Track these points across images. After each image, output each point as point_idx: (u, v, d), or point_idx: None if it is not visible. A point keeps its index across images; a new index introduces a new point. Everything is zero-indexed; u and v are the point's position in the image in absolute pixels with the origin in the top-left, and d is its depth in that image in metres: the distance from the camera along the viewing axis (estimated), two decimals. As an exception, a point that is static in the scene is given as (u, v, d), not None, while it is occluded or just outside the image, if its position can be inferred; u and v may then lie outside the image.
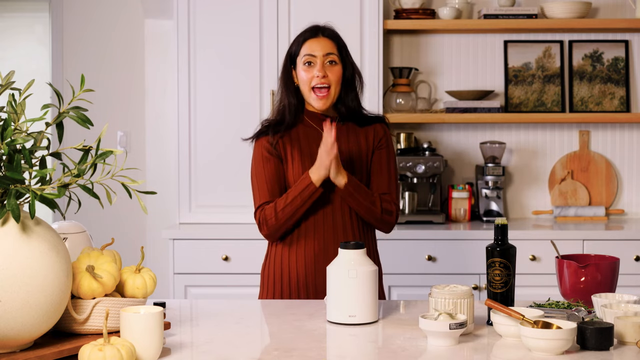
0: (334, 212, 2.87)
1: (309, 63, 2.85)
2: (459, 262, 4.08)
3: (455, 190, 4.44)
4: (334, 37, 2.90)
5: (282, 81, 2.93)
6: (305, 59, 2.86)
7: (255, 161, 2.92)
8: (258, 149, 2.92)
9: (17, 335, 1.96)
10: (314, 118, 2.93)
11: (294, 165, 2.88)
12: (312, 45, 2.86)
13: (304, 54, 2.86)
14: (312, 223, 2.86)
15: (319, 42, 2.86)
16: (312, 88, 2.86)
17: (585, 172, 4.61)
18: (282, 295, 2.89)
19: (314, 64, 2.85)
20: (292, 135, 2.90)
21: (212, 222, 4.29)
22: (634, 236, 4.12)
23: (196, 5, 4.24)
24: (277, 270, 2.90)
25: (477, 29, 4.51)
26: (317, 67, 2.83)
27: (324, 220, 2.87)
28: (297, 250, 2.87)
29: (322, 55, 2.85)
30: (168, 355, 2.10)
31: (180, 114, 4.26)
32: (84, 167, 2.02)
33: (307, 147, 2.89)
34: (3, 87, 2.03)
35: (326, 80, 2.85)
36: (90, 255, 2.15)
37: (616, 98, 4.57)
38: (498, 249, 2.38)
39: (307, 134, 2.91)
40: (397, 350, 2.15)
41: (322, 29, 2.90)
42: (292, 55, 2.92)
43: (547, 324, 2.15)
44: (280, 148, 2.89)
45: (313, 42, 2.86)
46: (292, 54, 2.92)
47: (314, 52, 2.85)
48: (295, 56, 2.91)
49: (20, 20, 6.71)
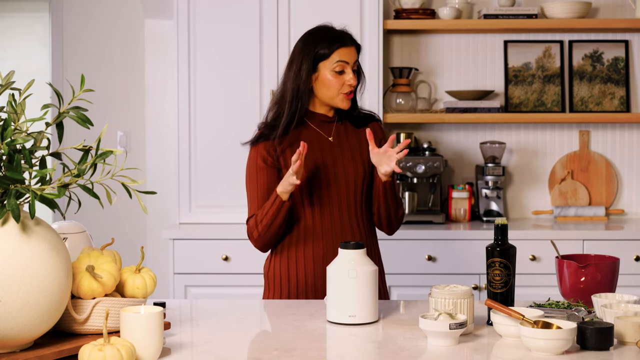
0: (341, 214, 2.88)
1: (341, 71, 2.88)
2: (459, 262, 4.08)
3: (455, 190, 4.44)
4: (357, 45, 2.94)
5: (294, 84, 2.88)
6: (339, 66, 2.87)
7: (249, 169, 2.91)
8: (253, 156, 2.90)
9: (17, 335, 1.96)
10: (315, 119, 2.93)
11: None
12: (344, 53, 2.88)
13: (337, 60, 2.87)
14: (319, 224, 2.86)
15: (349, 51, 2.89)
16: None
17: (585, 172, 4.61)
18: (289, 296, 2.87)
19: (345, 71, 2.88)
20: (292, 139, 2.89)
21: (212, 222, 4.28)
22: (634, 236, 4.12)
23: (196, 5, 4.24)
24: (283, 271, 2.89)
25: (477, 29, 4.51)
26: (349, 74, 2.87)
27: (332, 222, 2.87)
28: (304, 251, 2.86)
29: (352, 63, 2.90)
30: (168, 355, 2.10)
31: (180, 114, 4.26)
32: (84, 167, 2.02)
33: (309, 151, 2.87)
34: (3, 87, 2.03)
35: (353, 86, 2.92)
36: (90, 255, 2.15)
37: (616, 98, 4.57)
38: (498, 249, 2.38)
39: (309, 135, 2.90)
40: (397, 350, 2.15)
41: (349, 36, 2.93)
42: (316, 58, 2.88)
43: (547, 324, 2.15)
44: (279, 154, 2.87)
45: (345, 50, 2.89)
46: (318, 56, 2.88)
47: (348, 59, 2.88)
48: (322, 59, 2.88)
49: (20, 20, 6.71)
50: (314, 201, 2.86)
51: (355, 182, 2.90)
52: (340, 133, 2.95)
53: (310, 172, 2.86)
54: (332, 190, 2.87)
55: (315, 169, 2.87)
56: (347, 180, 2.89)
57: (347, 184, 2.89)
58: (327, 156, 2.90)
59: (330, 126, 2.95)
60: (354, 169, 2.90)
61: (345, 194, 2.88)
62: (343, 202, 2.88)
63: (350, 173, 2.89)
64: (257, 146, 2.90)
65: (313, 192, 2.86)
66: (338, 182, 2.88)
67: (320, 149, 2.90)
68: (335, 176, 2.88)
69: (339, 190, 2.88)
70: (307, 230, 2.86)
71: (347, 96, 2.89)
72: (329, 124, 2.95)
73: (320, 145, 2.90)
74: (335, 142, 2.93)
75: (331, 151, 2.91)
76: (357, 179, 2.90)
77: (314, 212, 2.86)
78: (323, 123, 2.94)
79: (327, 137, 2.92)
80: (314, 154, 2.88)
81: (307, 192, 2.86)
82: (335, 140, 2.93)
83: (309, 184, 2.86)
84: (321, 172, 2.88)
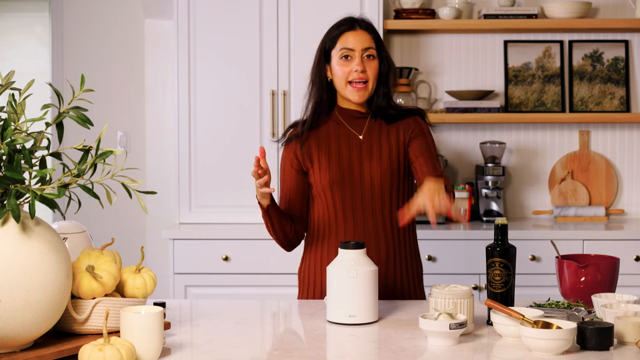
0: (365, 219, 2.76)
1: (345, 57, 2.73)
2: (459, 262, 4.08)
3: (455, 190, 4.44)
4: (371, 29, 2.77)
5: (314, 76, 2.80)
6: (343, 53, 2.73)
7: (283, 166, 2.84)
8: (283, 156, 2.84)
9: (17, 335, 1.96)
10: (346, 115, 2.82)
11: (321, 170, 2.77)
12: (349, 38, 2.74)
13: (341, 47, 2.73)
14: (342, 227, 2.77)
15: (356, 35, 2.74)
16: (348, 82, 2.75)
17: (585, 172, 4.61)
18: (322, 296, 2.80)
19: (352, 57, 2.72)
20: (321, 135, 2.79)
21: (212, 222, 4.28)
22: (634, 236, 4.12)
23: (196, 5, 4.24)
24: (311, 272, 2.83)
25: (477, 29, 4.51)
26: (355, 61, 2.72)
27: (354, 225, 2.76)
28: (328, 254, 2.78)
29: (361, 49, 2.73)
30: (168, 355, 2.10)
31: (180, 114, 4.26)
32: (84, 167, 2.02)
33: (336, 148, 2.77)
34: (3, 87, 2.03)
35: (364, 75, 2.74)
36: (90, 255, 2.15)
37: (616, 98, 4.57)
38: (498, 249, 2.38)
39: (338, 132, 2.79)
40: (397, 350, 2.15)
41: (358, 20, 2.78)
42: (325, 49, 2.78)
43: (547, 324, 2.15)
44: (306, 157, 2.78)
45: (350, 34, 2.74)
46: (326, 47, 2.78)
47: (353, 45, 2.73)
48: (329, 50, 2.77)
49: (20, 20, 6.71)
50: (339, 203, 2.77)
51: (382, 188, 2.76)
52: (373, 131, 2.80)
53: (336, 171, 2.76)
54: (357, 193, 2.76)
55: (342, 168, 2.77)
56: (372, 185, 2.76)
57: (372, 189, 2.76)
58: (355, 155, 2.77)
59: (362, 122, 2.81)
60: (380, 172, 2.76)
61: (370, 200, 2.76)
62: (367, 207, 2.76)
63: (376, 177, 2.76)
64: (290, 145, 2.83)
65: (339, 193, 2.77)
66: (363, 186, 2.76)
67: (348, 147, 2.78)
68: (361, 179, 2.76)
69: (363, 194, 2.76)
70: (331, 233, 2.78)
71: (356, 86, 2.73)
72: (361, 120, 2.81)
73: (349, 143, 2.78)
74: (366, 140, 2.79)
75: (359, 150, 2.78)
76: (383, 184, 2.76)
77: (339, 214, 2.77)
78: (355, 119, 2.81)
79: (358, 135, 2.80)
80: (341, 152, 2.77)
81: (333, 193, 2.77)
82: (366, 138, 2.79)
83: (335, 184, 2.76)
84: (347, 173, 2.77)
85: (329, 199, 2.78)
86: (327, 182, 2.77)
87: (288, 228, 2.81)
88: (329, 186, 2.77)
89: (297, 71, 4.23)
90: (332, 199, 2.78)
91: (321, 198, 2.80)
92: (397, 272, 2.80)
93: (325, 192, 2.78)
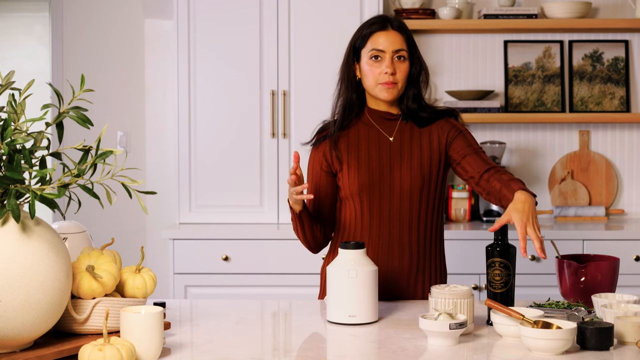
0: (391, 226, 2.70)
1: (375, 57, 2.67)
2: (459, 262, 4.08)
3: (455, 190, 4.44)
4: (403, 30, 2.71)
5: (343, 74, 2.75)
6: (373, 53, 2.67)
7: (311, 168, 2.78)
8: (311, 156, 2.79)
9: (17, 335, 1.96)
10: (376, 116, 2.75)
11: (350, 175, 2.71)
12: (380, 38, 2.67)
13: (372, 47, 2.67)
14: (367, 232, 2.71)
15: (388, 36, 2.68)
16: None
17: (585, 172, 4.61)
18: None
19: (382, 58, 2.66)
20: (351, 137, 2.73)
21: (212, 222, 4.28)
22: (634, 236, 4.12)
23: (196, 5, 4.24)
24: None
25: (477, 29, 4.51)
26: (385, 62, 2.65)
27: (380, 232, 2.70)
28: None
29: (392, 50, 2.67)
30: (168, 355, 2.10)
31: (180, 114, 4.26)
32: (84, 167, 2.02)
33: (366, 151, 2.71)
34: (3, 87, 2.04)
35: (394, 77, 2.67)
36: (90, 255, 2.15)
37: (616, 98, 4.57)
38: (498, 249, 2.38)
39: (368, 135, 2.73)
40: (397, 350, 2.15)
41: (390, 20, 2.72)
42: (355, 47, 2.73)
43: (547, 324, 2.15)
44: (335, 159, 2.73)
45: (382, 35, 2.68)
46: (356, 45, 2.73)
47: (383, 46, 2.66)
48: (359, 48, 2.72)
49: (20, 20, 6.71)
50: (367, 210, 2.72)
51: (411, 196, 2.70)
52: (404, 133, 2.73)
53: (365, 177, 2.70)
54: (385, 202, 2.70)
55: (371, 174, 2.71)
56: (401, 193, 2.69)
57: (401, 196, 2.69)
58: (385, 159, 2.71)
59: (392, 124, 2.75)
60: (410, 178, 2.70)
61: (398, 208, 2.70)
62: (394, 215, 2.70)
63: (405, 184, 2.70)
64: (320, 147, 2.77)
65: (367, 200, 2.71)
66: (392, 192, 2.69)
67: (378, 150, 2.72)
68: (390, 185, 2.70)
69: (391, 202, 2.70)
70: (356, 237, 2.74)
71: (386, 86, 2.67)
72: (392, 122, 2.75)
73: (379, 145, 2.72)
74: (396, 143, 2.73)
75: (390, 153, 2.72)
76: (412, 191, 2.69)
77: (365, 221, 2.72)
78: (385, 121, 2.75)
79: (388, 137, 2.73)
80: (371, 156, 2.71)
81: (362, 200, 2.71)
82: (397, 140, 2.73)
83: (364, 190, 2.70)
84: (376, 179, 2.70)
85: (357, 205, 2.73)
86: (356, 188, 2.71)
87: (318, 232, 2.76)
88: (357, 192, 2.71)
89: (297, 71, 4.23)
90: (360, 205, 2.72)
91: (349, 202, 2.74)
92: (418, 283, 2.74)
93: (354, 198, 2.72)
